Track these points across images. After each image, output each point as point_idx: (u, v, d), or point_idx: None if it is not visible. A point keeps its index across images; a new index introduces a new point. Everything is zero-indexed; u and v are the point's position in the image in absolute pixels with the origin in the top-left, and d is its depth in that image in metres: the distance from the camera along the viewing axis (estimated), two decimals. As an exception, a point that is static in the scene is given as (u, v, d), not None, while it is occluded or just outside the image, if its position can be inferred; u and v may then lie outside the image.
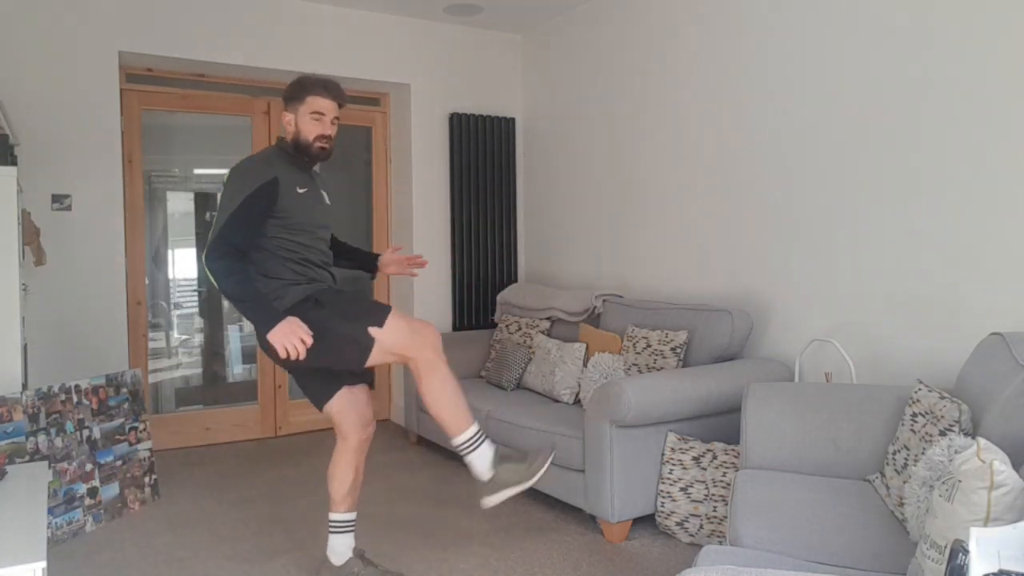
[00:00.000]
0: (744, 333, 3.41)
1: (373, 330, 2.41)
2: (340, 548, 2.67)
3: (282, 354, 2.34)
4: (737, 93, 3.64)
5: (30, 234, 3.48)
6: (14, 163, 3.25)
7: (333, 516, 2.68)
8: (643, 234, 4.23)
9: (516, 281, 5.20)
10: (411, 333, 2.44)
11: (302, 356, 2.34)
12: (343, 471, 2.67)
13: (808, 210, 3.32)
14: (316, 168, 2.69)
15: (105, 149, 3.99)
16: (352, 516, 2.70)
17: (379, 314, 2.44)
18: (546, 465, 2.46)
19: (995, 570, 1.23)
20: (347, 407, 2.65)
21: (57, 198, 3.88)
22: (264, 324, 2.35)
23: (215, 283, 2.38)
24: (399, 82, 4.83)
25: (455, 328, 5.00)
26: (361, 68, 4.67)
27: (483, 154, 5.05)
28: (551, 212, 4.98)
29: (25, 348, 3.25)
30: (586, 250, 4.68)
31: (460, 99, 5.03)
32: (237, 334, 4.97)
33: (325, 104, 2.55)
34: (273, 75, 4.50)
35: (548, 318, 4.41)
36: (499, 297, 4.83)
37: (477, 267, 5.04)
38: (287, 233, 2.49)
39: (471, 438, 2.46)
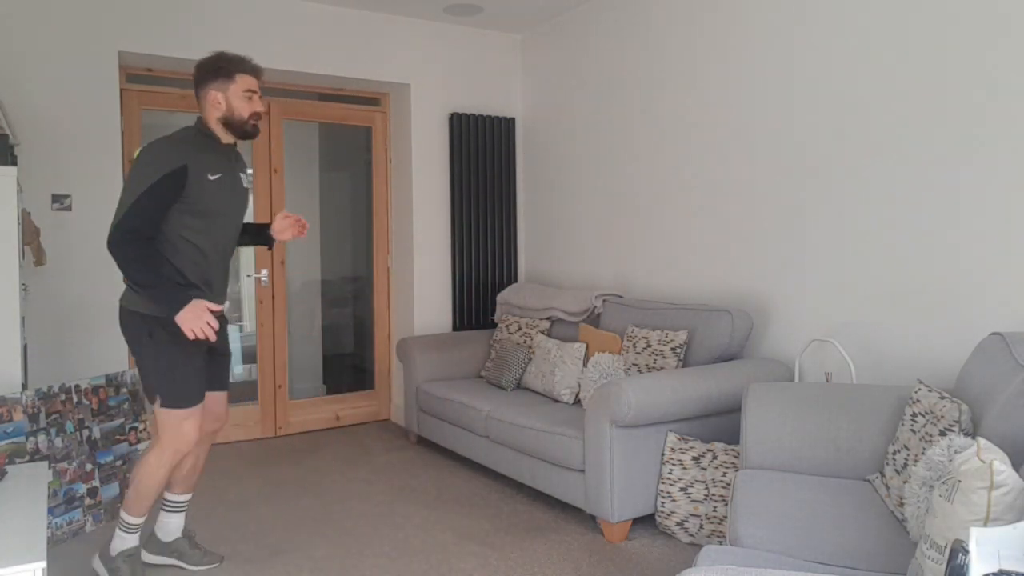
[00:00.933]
0: (744, 333, 3.41)
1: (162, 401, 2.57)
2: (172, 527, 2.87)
3: (190, 336, 2.42)
4: (737, 93, 3.64)
5: (30, 234, 3.48)
6: (14, 163, 3.25)
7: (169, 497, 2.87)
8: (643, 234, 4.23)
9: (516, 281, 5.20)
10: (177, 429, 2.60)
11: (212, 338, 2.45)
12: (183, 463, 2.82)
13: (808, 210, 3.32)
14: (236, 147, 2.71)
15: (105, 149, 3.99)
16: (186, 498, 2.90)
17: (177, 397, 2.57)
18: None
19: (995, 570, 1.23)
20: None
21: (57, 198, 3.88)
22: (172, 308, 2.42)
23: (119, 268, 2.42)
24: (399, 82, 4.83)
25: (455, 328, 5.00)
26: (361, 68, 4.67)
27: (483, 154, 5.05)
28: (551, 212, 4.98)
29: (25, 348, 3.25)
30: (586, 250, 4.68)
31: (460, 99, 5.04)
32: (237, 334, 4.97)
33: (254, 82, 2.61)
34: (273, 75, 4.50)
35: (548, 318, 4.41)
36: (499, 297, 4.83)
37: (477, 267, 5.04)
38: (190, 218, 2.51)
39: (133, 525, 2.69)
